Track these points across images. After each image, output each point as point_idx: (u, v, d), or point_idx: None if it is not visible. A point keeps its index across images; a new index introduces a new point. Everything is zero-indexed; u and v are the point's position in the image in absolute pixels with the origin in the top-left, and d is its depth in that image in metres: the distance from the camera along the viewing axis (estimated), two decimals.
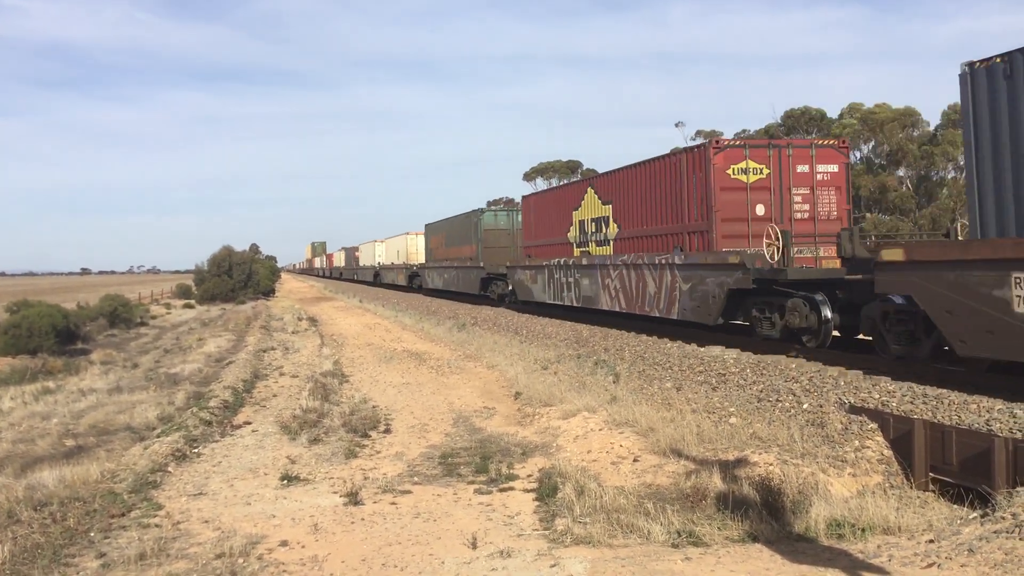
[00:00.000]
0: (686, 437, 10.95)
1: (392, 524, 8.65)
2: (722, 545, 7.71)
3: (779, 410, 11.79)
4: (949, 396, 10.57)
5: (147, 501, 9.54)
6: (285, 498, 9.72)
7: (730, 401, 12.77)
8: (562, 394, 14.52)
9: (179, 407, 15.72)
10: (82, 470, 10.64)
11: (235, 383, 18.00)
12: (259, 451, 12.18)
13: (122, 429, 14.25)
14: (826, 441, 10.39)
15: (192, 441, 12.58)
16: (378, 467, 11.09)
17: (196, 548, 7.98)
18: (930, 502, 9.12)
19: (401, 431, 13.35)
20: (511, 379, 17.46)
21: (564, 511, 8.64)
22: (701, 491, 9.01)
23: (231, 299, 59.48)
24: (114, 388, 19.51)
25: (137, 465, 11.03)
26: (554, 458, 10.86)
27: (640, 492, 9.29)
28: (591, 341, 20.57)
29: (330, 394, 16.31)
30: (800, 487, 9.00)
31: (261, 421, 14.39)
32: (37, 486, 9.95)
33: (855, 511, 8.22)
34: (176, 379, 20.19)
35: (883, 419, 10.42)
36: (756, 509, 8.40)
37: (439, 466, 11.02)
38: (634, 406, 12.83)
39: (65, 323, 30.64)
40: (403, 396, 16.55)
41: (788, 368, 13.81)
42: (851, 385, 11.96)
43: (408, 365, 21.12)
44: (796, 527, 8.13)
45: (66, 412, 16.43)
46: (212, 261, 63.12)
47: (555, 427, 12.63)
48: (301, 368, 20.96)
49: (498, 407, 15.08)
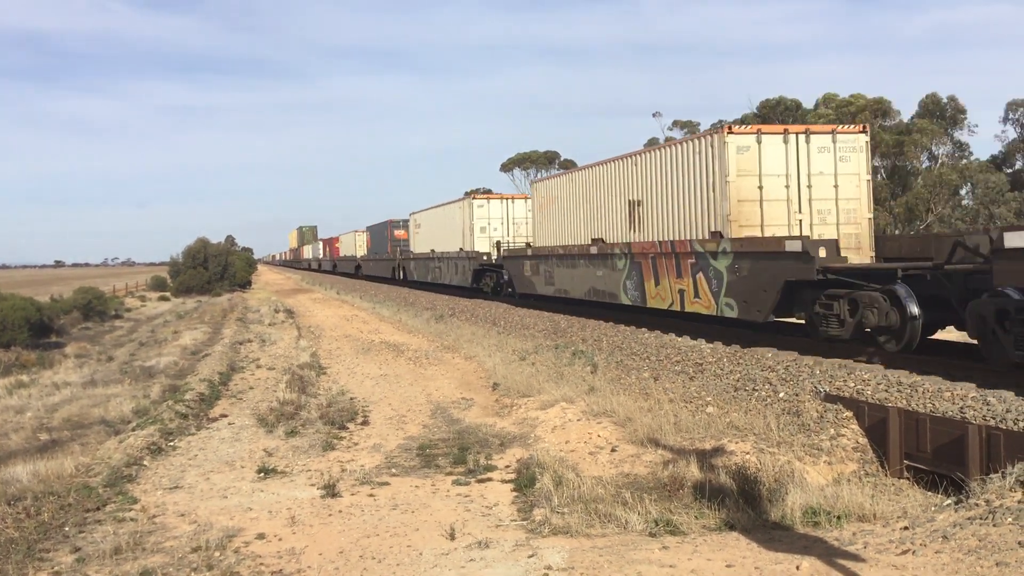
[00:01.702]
0: (664, 427, 11.00)
1: (370, 516, 8.63)
2: (699, 534, 7.75)
3: (756, 399, 11.86)
4: (923, 384, 10.66)
5: (122, 495, 9.46)
6: (262, 491, 9.67)
7: (707, 391, 12.83)
8: (540, 385, 14.53)
9: (154, 400, 15.60)
10: (56, 464, 10.55)
11: (211, 376, 17.88)
12: (235, 444, 12.11)
13: (97, 423, 14.13)
14: (802, 429, 10.46)
15: (168, 434, 12.48)
16: (356, 459, 11.05)
17: (172, 542, 7.92)
18: (905, 489, 9.22)
19: (379, 423, 13.31)
20: (489, 370, 17.45)
21: (542, 501, 8.64)
22: (678, 480, 9.05)
23: (207, 291, 59.03)
24: (88, 381, 19.34)
25: (112, 459, 10.94)
26: (532, 449, 10.87)
27: (618, 482, 9.32)
28: (569, 331, 20.60)
29: (307, 386, 16.25)
30: (776, 475, 9.07)
31: (238, 414, 14.31)
32: (10, 480, 9.86)
33: (831, 499, 8.28)
34: (151, 372, 20.03)
35: (858, 407, 10.51)
36: (733, 497, 8.45)
37: (417, 457, 11.01)
38: (612, 396, 12.86)
39: (39, 316, 30.29)
40: (381, 388, 16.51)
41: (764, 357, 13.89)
42: (827, 374, 12.05)
43: (386, 356, 21.07)
44: (772, 515, 8.18)
45: (40, 406, 16.27)
46: (187, 253, 62.63)
47: (533, 418, 12.64)
48: (278, 360, 20.85)
49: (476, 398, 15.07)
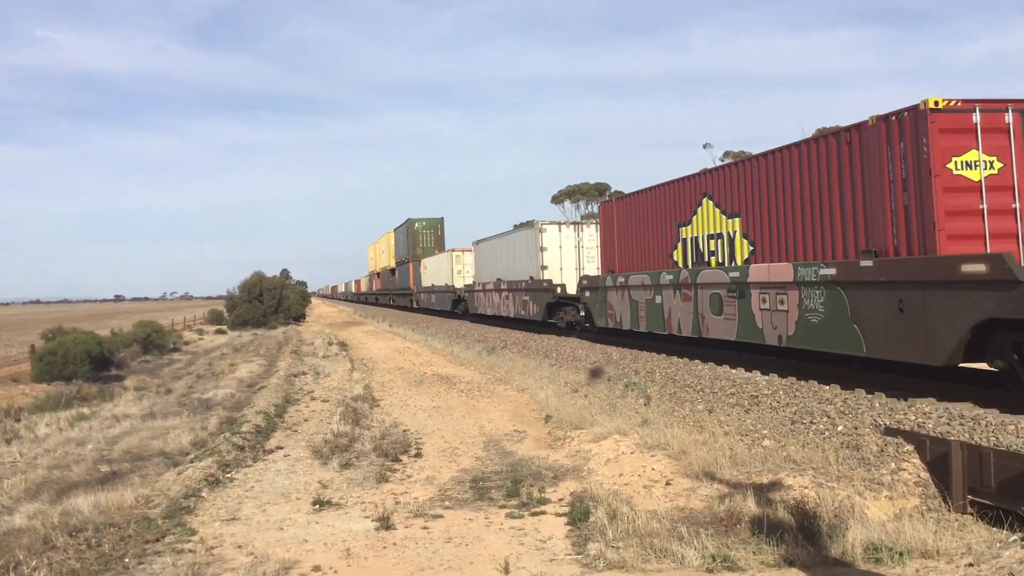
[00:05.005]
0: (719, 460, 10.86)
1: (424, 549, 8.63)
2: (757, 570, 7.62)
3: (813, 432, 11.66)
4: (986, 417, 10.40)
5: (181, 526, 9.59)
6: (317, 523, 9.73)
7: (763, 423, 12.66)
8: (593, 417, 14.45)
9: (212, 432, 15.82)
10: (116, 496, 10.73)
11: (267, 408, 18.10)
12: (291, 476, 12.22)
13: (156, 454, 14.36)
14: (862, 463, 10.26)
15: (225, 466, 12.65)
16: (409, 491, 11.08)
17: (230, 573, 8.01)
18: (968, 525, 8.97)
19: (432, 455, 13.34)
20: (541, 402, 17.41)
21: (597, 535, 8.58)
22: (735, 515, 8.91)
23: (262, 324, 59.91)
24: (148, 414, 19.67)
25: (171, 490, 11.10)
26: (586, 481, 10.81)
27: (673, 516, 9.21)
28: (621, 363, 20.49)
29: (361, 418, 16.35)
30: (836, 510, 8.88)
31: (293, 446, 14.45)
32: (72, 512, 10.05)
33: (892, 534, 8.10)
34: (209, 404, 20.33)
35: (919, 441, 10.27)
36: (791, 533, 8.30)
37: (470, 490, 11.00)
38: (666, 429, 12.74)
39: (99, 350, 30.98)
40: (433, 420, 16.55)
41: (821, 391, 13.67)
42: (886, 407, 11.81)
43: (438, 389, 21.13)
44: (832, 551, 8.02)
45: (100, 438, 16.58)
46: (243, 287, 63.71)
47: (586, 450, 12.57)
48: (332, 392, 21.03)
49: (528, 430, 15.03)
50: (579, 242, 32.62)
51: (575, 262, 32.29)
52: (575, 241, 32.74)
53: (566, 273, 32.12)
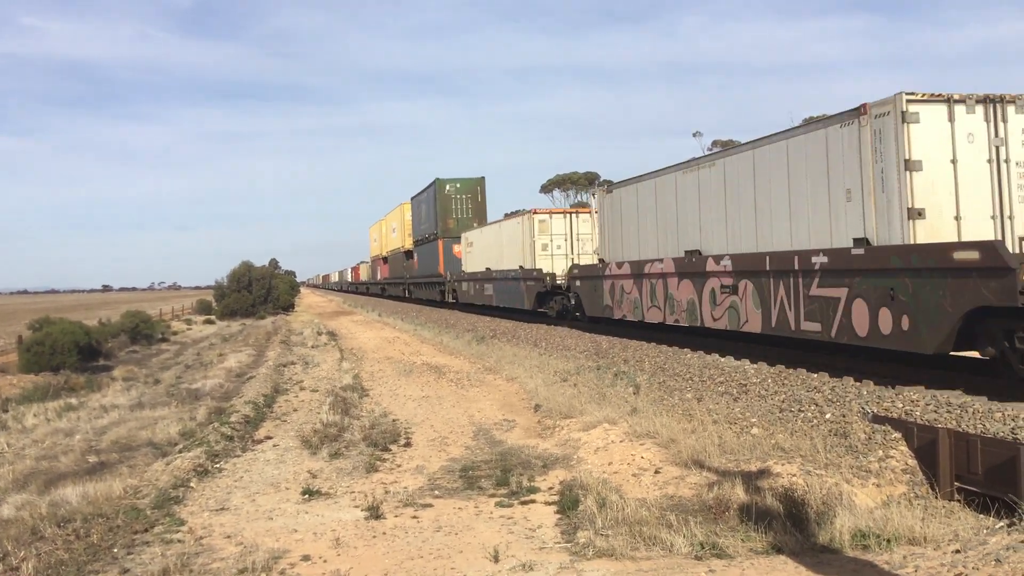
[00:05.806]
0: (708, 448, 10.89)
1: (414, 538, 8.64)
2: (746, 557, 7.65)
3: (801, 420, 11.70)
4: (973, 405, 10.46)
5: (169, 517, 9.57)
6: (307, 512, 9.73)
7: (752, 411, 12.70)
8: (582, 406, 14.47)
9: (200, 422, 15.79)
10: (105, 486, 10.71)
11: (256, 398, 18.06)
12: (280, 466, 12.20)
13: (144, 445, 14.33)
14: (849, 451, 10.30)
15: (214, 456, 12.62)
16: (399, 481, 11.08)
17: (219, 563, 7.99)
18: (956, 512, 9.03)
19: (421, 444, 13.34)
20: (531, 391, 17.43)
21: (586, 523, 8.60)
22: (724, 502, 8.94)
23: (251, 314, 59.74)
24: (136, 404, 19.62)
25: (159, 481, 11.08)
26: (575, 470, 10.83)
27: (662, 504, 9.24)
28: (610, 352, 20.51)
29: (350, 408, 16.34)
30: (824, 498, 8.93)
31: (282, 436, 14.43)
32: (60, 502, 10.03)
33: (880, 521, 8.14)
34: (197, 394, 20.29)
35: (907, 428, 10.32)
36: (780, 520, 8.33)
37: (460, 479, 11.00)
38: (655, 417, 12.77)
39: (87, 340, 30.88)
40: (423, 409, 16.55)
41: (810, 379, 13.72)
42: (874, 395, 11.86)
43: (428, 378, 21.13)
44: (821, 538, 8.05)
45: (88, 428, 16.53)
46: (232, 276, 63.48)
47: (575, 439, 12.59)
48: (321, 382, 21.00)
49: (518, 419, 15.04)
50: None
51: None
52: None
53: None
